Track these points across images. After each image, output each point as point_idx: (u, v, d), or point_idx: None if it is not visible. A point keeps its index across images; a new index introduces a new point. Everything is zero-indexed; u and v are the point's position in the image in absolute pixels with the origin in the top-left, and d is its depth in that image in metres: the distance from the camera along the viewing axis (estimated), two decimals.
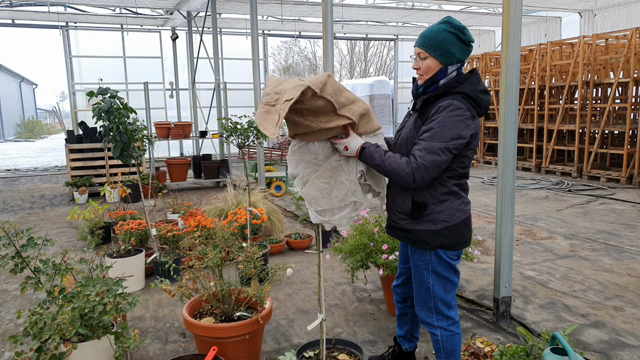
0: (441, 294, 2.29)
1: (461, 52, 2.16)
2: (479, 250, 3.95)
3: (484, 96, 2.17)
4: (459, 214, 2.21)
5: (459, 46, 2.15)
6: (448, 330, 2.33)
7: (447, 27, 2.14)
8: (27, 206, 8.03)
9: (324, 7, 5.18)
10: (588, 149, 9.29)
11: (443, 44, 2.13)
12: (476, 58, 12.37)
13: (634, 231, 5.68)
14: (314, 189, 2.19)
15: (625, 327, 3.31)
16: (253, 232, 4.98)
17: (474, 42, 2.20)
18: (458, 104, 2.08)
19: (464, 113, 2.07)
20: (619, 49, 9.35)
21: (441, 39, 2.13)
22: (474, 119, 2.13)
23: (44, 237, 2.62)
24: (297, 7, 11.93)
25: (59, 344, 2.29)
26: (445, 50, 2.13)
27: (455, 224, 2.20)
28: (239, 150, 3.78)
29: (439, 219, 2.18)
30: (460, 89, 2.13)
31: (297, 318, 3.56)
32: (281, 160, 9.36)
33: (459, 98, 2.11)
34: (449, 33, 2.13)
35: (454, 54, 2.15)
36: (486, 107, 2.19)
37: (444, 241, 2.19)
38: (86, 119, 11.92)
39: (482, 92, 2.16)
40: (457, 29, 2.13)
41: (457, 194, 2.21)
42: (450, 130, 2.05)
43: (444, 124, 2.06)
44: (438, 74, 2.18)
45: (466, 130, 2.08)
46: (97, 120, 3.75)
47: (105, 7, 11.79)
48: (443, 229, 2.18)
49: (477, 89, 2.15)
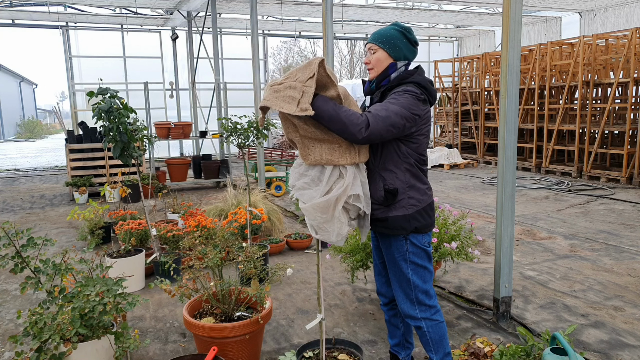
0: (420, 284, 2.37)
1: (408, 50, 2.37)
2: (479, 250, 3.95)
3: (432, 87, 2.37)
4: (426, 197, 2.36)
5: (406, 44, 2.36)
6: (432, 319, 2.39)
7: (396, 27, 2.38)
8: (27, 206, 8.03)
9: (324, 7, 5.18)
10: (588, 149, 9.29)
11: (392, 39, 2.34)
12: (476, 58, 12.37)
13: (634, 231, 5.68)
14: (312, 219, 2.21)
15: (625, 327, 3.31)
16: (253, 232, 4.98)
17: (418, 44, 2.43)
18: (413, 88, 2.26)
19: (418, 96, 2.24)
20: (619, 49, 9.35)
21: (389, 35, 2.35)
22: (425, 103, 2.30)
23: (44, 237, 2.61)
24: (297, 7, 11.93)
25: (59, 344, 2.29)
26: (394, 44, 2.34)
27: (424, 207, 2.34)
28: (239, 150, 3.78)
29: (410, 204, 2.30)
30: (412, 78, 2.31)
31: (297, 318, 3.56)
32: (281, 160, 9.37)
33: (412, 85, 2.28)
34: (397, 31, 2.35)
35: (401, 49, 2.35)
36: (435, 96, 2.38)
37: (417, 224, 2.31)
38: (86, 119, 11.93)
39: (430, 83, 2.37)
40: (403, 29, 2.37)
41: (421, 178, 2.36)
42: (405, 103, 2.21)
43: (398, 99, 2.22)
44: (389, 68, 2.36)
45: (418, 109, 2.24)
46: (97, 120, 3.74)
47: (105, 7, 11.79)
48: (415, 212, 2.30)
49: (427, 79, 2.36)
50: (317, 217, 2.19)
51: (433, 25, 15.25)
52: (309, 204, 2.17)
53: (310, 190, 2.20)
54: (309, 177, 2.21)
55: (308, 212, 2.19)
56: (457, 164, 11.55)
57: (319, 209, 2.16)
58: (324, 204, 2.15)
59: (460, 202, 7.56)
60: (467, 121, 12.89)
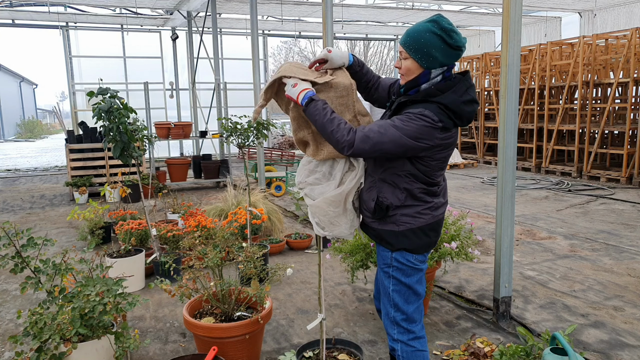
0: (401, 304, 2.12)
1: (446, 57, 1.94)
2: (479, 250, 3.95)
3: (468, 107, 1.97)
4: (425, 217, 2.06)
5: (444, 50, 1.92)
6: (408, 345, 2.13)
7: (433, 28, 1.92)
8: (27, 206, 8.03)
9: (324, 7, 5.17)
10: (588, 149, 9.29)
11: (425, 47, 1.92)
12: (476, 58, 12.38)
13: (634, 231, 5.68)
14: (322, 214, 2.19)
15: (625, 327, 3.31)
16: (253, 232, 4.98)
17: (462, 45, 1.94)
18: (430, 114, 1.91)
19: (434, 124, 1.91)
20: (619, 49, 9.35)
21: (424, 41, 1.92)
22: (446, 131, 1.95)
23: (44, 237, 2.61)
24: (297, 7, 11.93)
25: (59, 344, 2.29)
26: (427, 53, 1.93)
27: (420, 226, 2.06)
28: (239, 150, 3.78)
29: (401, 221, 2.05)
30: (439, 98, 1.93)
31: (297, 318, 3.56)
32: (281, 160, 9.36)
33: (433, 108, 1.92)
34: (433, 34, 1.91)
35: (436, 58, 1.94)
36: (469, 117, 1.98)
37: (407, 244, 2.06)
38: (86, 119, 11.92)
39: (466, 103, 1.96)
40: (443, 31, 1.90)
41: (422, 199, 2.06)
42: (411, 131, 1.90)
43: (405, 124, 1.91)
44: (420, 77, 2.00)
45: (428, 139, 1.92)
46: (97, 120, 3.74)
47: (105, 7, 11.79)
48: (406, 230, 2.05)
49: (461, 100, 1.95)
50: (328, 212, 2.17)
51: None
52: (320, 199, 2.16)
53: (321, 185, 2.20)
54: (320, 172, 2.21)
55: (319, 208, 2.17)
56: (457, 164, 11.55)
57: (331, 202, 2.16)
58: (337, 197, 2.15)
59: (460, 202, 7.56)
60: None
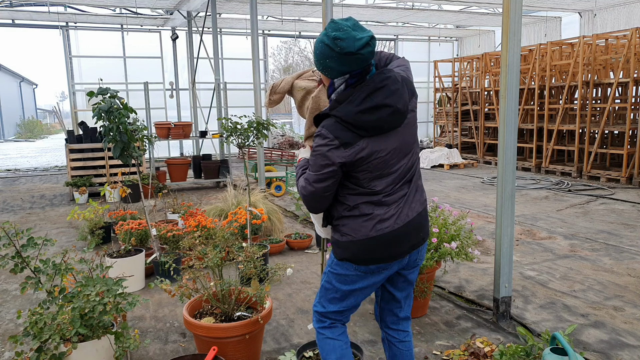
0: (323, 299, 2.16)
1: (341, 64, 1.81)
2: (479, 250, 3.95)
3: (369, 115, 1.83)
4: (366, 230, 1.96)
5: (337, 58, 1.80)
6: (319, 332, 2.19)
7: (323, 37, 1.84)
8: (27, 206, 8.03)
9: (324, 7, 5.18)
10: (588, 149, 9.29)
11: (320, 57, 1.85)
12: (476, 58, 12.38)
13: (634, 231, 5.68)
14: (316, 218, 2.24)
15: (625, 327, 3.31)
16: (253, 232, 4.98)
17: (352, 51, 1.78)
18: (325, 132, 1.86)
19: (329, 143, 1.85)
20: (619, 49, 9.36)
21: (319, 52, 1.85)
22: (350, 146, 1.84)
23: (44, 237, 2.62)
24: (297, 7, 11.93)
25: (59, 344, 2.29)
26: (323, 63, 1.85)
27: (362, 239, 1.96)
28: (239, 150, 3.77)
29: (344, 232, 2.01)
30: (335, 112, 1.86)
31: (297, 318, 3.56)
32: (281, 160, 9.37)
33: (331, 123, 1.87)
34: (322, 44, 1.83)
35: (332, 68, 1.84)
36: (374, 126, 1.84)
37: (347, 255, 2.00)
38: (86, 119, 11.92)
39: (365, 112, 1.83)
40: (329, 38, 1.80)
41: (363, 211, 1.97)
42: (319, 159, 1.89)
43: (314, 153, 1.91)
44: (329, 88, 1.94)
45: (335, 158, 1.86)
46: (97, 120, 3.75)
47: (105, 7, 11.79)
48: (348, 242, 1.99)
49: (357, 109, 1.83)
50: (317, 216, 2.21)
51: (433, 25, 15.25)
52: None
53: None
54: None
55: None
56: (457, 164, 11.56)
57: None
58: None
59: (460, 202, 7.56)
60: (467, 121, 12.89)
